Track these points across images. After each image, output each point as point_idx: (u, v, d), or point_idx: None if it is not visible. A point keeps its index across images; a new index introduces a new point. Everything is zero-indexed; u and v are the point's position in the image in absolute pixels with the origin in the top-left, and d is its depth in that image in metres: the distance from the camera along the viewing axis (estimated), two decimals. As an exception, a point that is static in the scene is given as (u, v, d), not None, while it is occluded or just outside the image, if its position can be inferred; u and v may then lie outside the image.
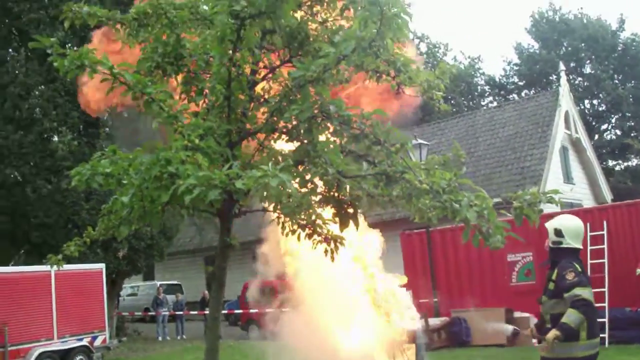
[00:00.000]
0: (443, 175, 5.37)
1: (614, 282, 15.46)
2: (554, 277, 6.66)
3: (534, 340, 16.26)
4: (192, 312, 25.82)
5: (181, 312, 25.27)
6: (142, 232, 21.74)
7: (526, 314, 16.64)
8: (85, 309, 17.55)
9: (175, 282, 34.14)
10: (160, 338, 24.68)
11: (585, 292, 6.29)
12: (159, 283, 31.32)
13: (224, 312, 25.89)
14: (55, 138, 22.18)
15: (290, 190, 4.90)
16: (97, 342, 17.67)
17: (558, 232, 6.81)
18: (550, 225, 6.90)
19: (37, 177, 20.61)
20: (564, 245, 6.76)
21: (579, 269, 6.53)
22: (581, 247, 6.90)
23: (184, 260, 36.48)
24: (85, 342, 17.14)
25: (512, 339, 16.39)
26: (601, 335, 14.70)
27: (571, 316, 6.25)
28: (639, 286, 15.29)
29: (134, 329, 27.01)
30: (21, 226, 21.37)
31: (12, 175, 21.78)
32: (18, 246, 23.30)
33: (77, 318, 17.21)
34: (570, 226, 6.89)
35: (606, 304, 15.23)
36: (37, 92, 22.04)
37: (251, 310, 23.74)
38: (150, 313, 27.03)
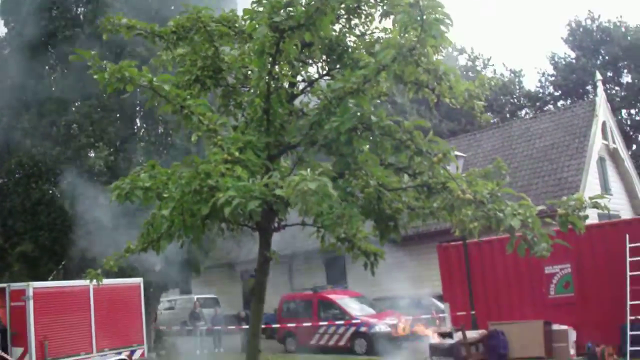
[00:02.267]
0: (486, 186, 5.31)
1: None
2: None
3: (572, 352, 16.08)
4: (230, 327, 25.82)
5: (219, 327, 25.30)
6: (179, 247, 21.79)
7: (564, 327, 16.38)
8: (123, 323, 17.64)
9: (212, 295, 34.21)
10: (198, 352, 24.72)
11: None
12: (195, 297, 31.39)
13: (262, 326, 25.90)
14: (92, 154, 22.43)
15: (331, 200, 4.86)
16: (136, 356, 17.75)
17: None
18: None
19: (75, 193, 20.82)
20: None
21: None
22: None
23: (221, 274, 36.54)
24: (124, 356, 17.22)
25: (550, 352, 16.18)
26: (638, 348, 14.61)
27: None
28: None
29: (172, 342, 27.09)
30: (60, 241, 21.58)
31: (50, 191, 22.04)
32: (57, 261, 23.52)
33: (115, 332, 17.30)
34: None
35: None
36: (73, 109, 22.31)
37: (288, 325, 23.81)
38: (187, 327, 27.09)
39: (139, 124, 23.34)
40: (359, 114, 5.56)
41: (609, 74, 48.88)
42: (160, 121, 22.46)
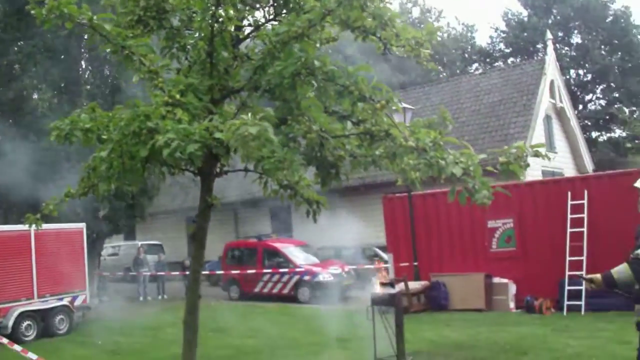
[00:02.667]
0: (428, 134, 5.30)
1: (592, 251, 15.57)
2: None
3: (512, 305, 16.45)
4: (173, 273, 25.80)
5: (163, 273, 25.23)
6: (123, 192, 21.52)
7: (505, 280, 16.76)
8: (65, 269, 17.41)
9: (156, 242, 34.06)
10: (141, 298, 24.68)
11: None
12: (139, 243, 31.23)
13: (205, 272, 25.91)
14: (35, 95, 21.89)
15: (272, 145, 4.80)
16: (78, 302, 17.60)
17: None
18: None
19: (17, 135, 20.31)
20: None
21: None
22: None
23: (166, 221, 36.40)
24: (65, 302, 17.05)
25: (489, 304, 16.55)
26: (578, 302, 15.01)
27: (621, 269, 6.02)
28: (616, 255, 15.35)
29: (115, 289, 26.99)
30: (-1, 185, 21.14)
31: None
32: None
33: (57, 278, 17.10)
34: None
35: (584, 273, 15.32)
36: (15, 48, 21.64)
37: (232, 272, 23.83)
38: (131, 273, 26.96)
39: (84, 67, 22.80)
40: (302, 58, 5.48)
41: (560, 33, 49.27)
42: (107, 64, 22.01)
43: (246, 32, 6.93)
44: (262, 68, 6.03)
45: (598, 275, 6.13)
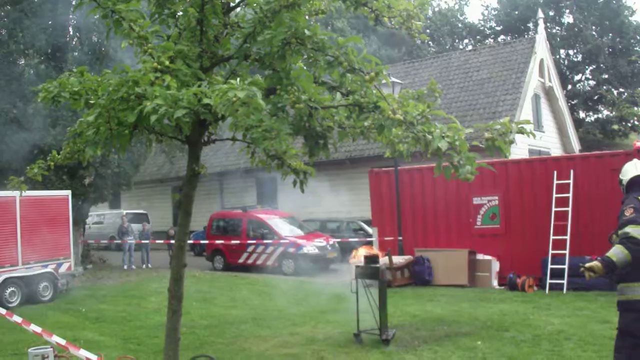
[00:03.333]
0: (417, 107, 5.29)
1: (576, 231, 15.71)
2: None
3: (494, 281, 16.59)
4: (158, 242, 25.80)
5: (147, 241, 25.23)
6: (109, 160, 21.49)
7: (488, 257, 16.88)
8: (50, 236, 17.39)
9: (141, 211, 34.07)
10: (125, 266, 24.68)
11: (636, 231, 6.04)
12: (124, 212, 31.23)
13: (190, 242, 25.95)
14: (22, 61, 21.68)
15: (260, 112, 4.78)
16: (62, 269, 17.59)
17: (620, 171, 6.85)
18: None
19: (3, 101, 20.15)
20: (623, 182, 6.72)
21: None
22: (636, 174, 6.65)
23: (152, 190, 36.39)
24: (50, 269, 17.04)
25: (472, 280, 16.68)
26: (560, 281, 15.15)
27: (617, 251, 6.13)
28: (599, 235, 15.50)
29: (100, 257, 27.00)
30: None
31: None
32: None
33: (42, 245, 17.07)
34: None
35: (567, 252, 15.49)
36: (2, 13, 21.38)
37: (217, 242, 23.85)
38: (116, 241, 26.96)
39: (71, 33, 22.57)
40: (293, 27, 5.45)
41: (551, 12, 49.19)
42: (95, 31, 21.81)
43: (237, 0, 6.87)
44: (252, 36, 5.99)
45: (597, 262, 6.18)
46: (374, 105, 5.52)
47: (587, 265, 6.20)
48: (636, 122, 28.29)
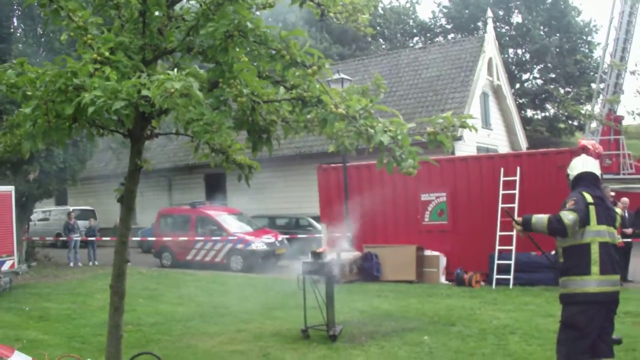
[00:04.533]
0: (360, 102, 5.28)
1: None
2: None
3: (442, 277, 16.74)
4: (105, 239, 25.43)
5: (93, 238, 24.84)
6: (54, 155, 21.09)
7: (436, 253, 17.03)
8: (-8, 233, 17.01)
9: (88, 207, 33.59)
10: (71, 264, 24.25)
11: (569, 216, 6.26)
12: (71, 208, 30.72)
13: (136, 239, 25.66)
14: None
15: (200, 105, 4.71)
16: (5, 267, 17.16)
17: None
18: None
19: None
20: (570, 178, 6.89)
21: (587, 198, 6.51)
22: (582, 171, 6.85)
23: (99, 186, 35.87)
24: (-8, 267, 16.66)
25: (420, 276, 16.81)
26: (506, 276, 15.36)
27: (540, 217, 6.49)
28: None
29: (45, 254, 26.47)
30: None
31: None
32: None
33: (-17, 242, 16.68)
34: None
35: (513, 248, 15.73)
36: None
37: (164, 238, 23.64)
38: (62, 238, 26.50)
39: (16, 24, 22.07)
40: (235, 20, 5.38)
41: (500, 12, 49.89)
42: (40, 23, 21.37)
43: (181, -8, 6.76)
44: (196, 29, 5.91)
45: (520, 218, 6.64)
46: (317, 99, 5.49)
47: (516, 218, 6.80)
48: (582, 121, 28.81)
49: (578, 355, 6.39)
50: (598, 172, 6.84)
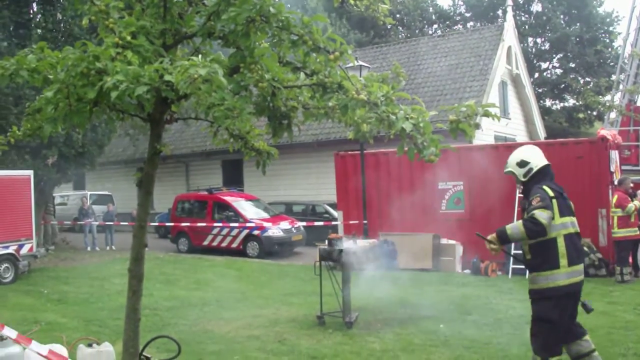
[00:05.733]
0: (381, 88, 5.26)
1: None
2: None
3: (458, 266, 16.72)
4: (122, 223, 25.60)
5: (111, 223, 25.00)
6: (72, 139, 21.20)
7: (452, 241, 17.01)
8: (12, 217, 17.14)
9: (106, 192, 33.80)
10: (89, 248, 24.46)
11: (543, 214, 6.32)
12: (88, 193, 30.96)
13: (154, 224, 25.79)
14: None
15: (222, 90, 4.72)
16: (24, 250, 17.34)
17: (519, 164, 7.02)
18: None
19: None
20: (530, 169, 6.92)
21: (549, 192, 6.55)
22: (545, 163, 6.97)
23: (116, 171, 36.09)
24: (11, 250, 16.79)
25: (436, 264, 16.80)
26: (522, 266, 15.20)
27: (514, 225, 6.56)
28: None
29: (63, 238, 26.69)
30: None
31: None
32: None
33: (2, 226, 16.81)
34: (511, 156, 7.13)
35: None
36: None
37: (181, 224, 23.75)
38: (79, 222, 26.70)
39: (35, 9, 22.14)
40: (258, 5, 5.37)
41: (520, 1, 49.55)
42: (59, 7, 21.44)
43: (202, -23, 6.76)
44: (217, 14, 5.90)
45: (494, 234, 6.72)
46: (338, 86, 5.47)
47: (488, 237, 6.84)
48: (602, 110, 28.59)
49: (554, 346, 6.50)
50: None
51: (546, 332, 6.48)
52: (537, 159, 6.87)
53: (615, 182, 15.63)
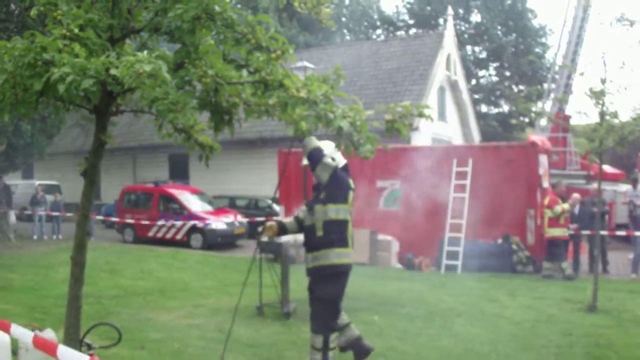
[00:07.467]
0: (321, 87, 5.52)
1: (471, 216, 16.46)
2: None
3: (394, 261, 17.12)
4: (69, 214, 25.44)
5: (58, 213, 24.85)
6: (22, 130, 21.01)
7: (389, 237, 17.46)
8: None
9: (54, 182, 33.49)
10: (35, 237, 24.29)
11: (301, 210, 7.09)
12: (37, 182, 30.67)
13: (100, 217, 25.70)
14: None
15: (166, 85, 4.91)
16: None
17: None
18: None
19: None
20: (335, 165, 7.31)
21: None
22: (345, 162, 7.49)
23: (65, 162, 35.75)
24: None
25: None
26: (455, 262, 15.84)
27: (290, 221, 7.42)
28: (491, 221, 16.37)
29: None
30: None
31: None
32: None
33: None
34: None
35: (462, 235, 16.28)
36: None
37: (127, 221, 23.84)
38: (27, 212, 26.46)
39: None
40: (204, 3, 5.57)
41: (461, 11, 50.71)
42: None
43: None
44: (164, 10, 6.07)
45: (274, 223, 7.44)
46: (279, 83, 5.72)
47: (267, 224, 7.45)
48: (533, 117, 29.58)
49: (332, 321, 7.22)
50: None
51: (328, 309, 7.22)
52: (340, 158, 7.45)
53: (544, 185, 16.36)
